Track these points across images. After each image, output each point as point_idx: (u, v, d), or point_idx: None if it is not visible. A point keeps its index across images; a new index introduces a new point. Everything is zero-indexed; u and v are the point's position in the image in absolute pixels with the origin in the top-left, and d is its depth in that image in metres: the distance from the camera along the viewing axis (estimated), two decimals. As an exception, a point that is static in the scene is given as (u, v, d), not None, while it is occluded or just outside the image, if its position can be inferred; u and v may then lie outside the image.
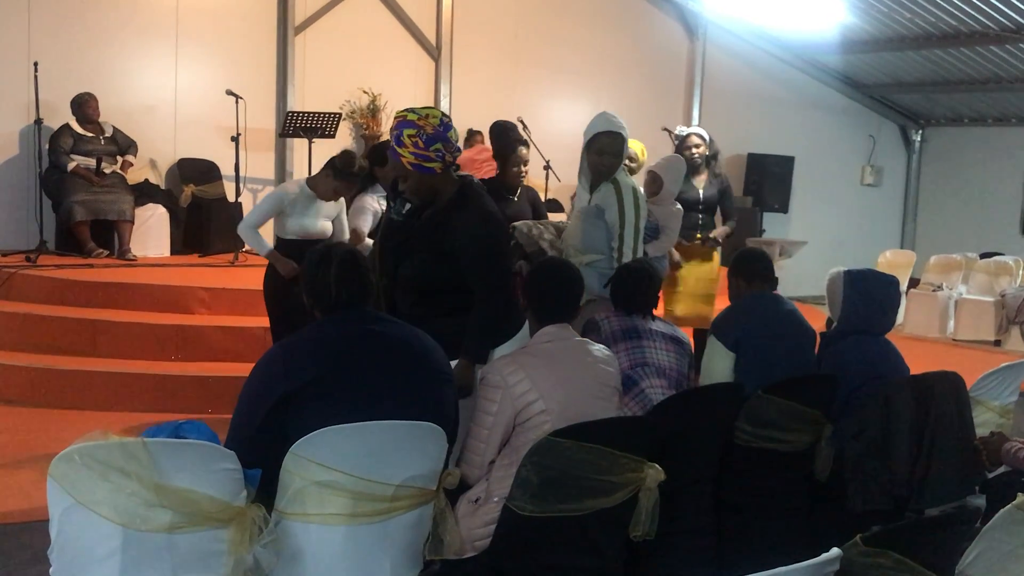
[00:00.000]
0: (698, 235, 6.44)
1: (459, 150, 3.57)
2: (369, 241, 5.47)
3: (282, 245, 5.25)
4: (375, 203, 5.69)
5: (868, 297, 3.97)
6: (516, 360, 3.06)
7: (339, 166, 5.32)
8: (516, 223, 4.87)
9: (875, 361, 3.91)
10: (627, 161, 6.31)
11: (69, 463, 2.31)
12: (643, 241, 4.63)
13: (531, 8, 11.09)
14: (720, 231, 6.53)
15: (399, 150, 3.44)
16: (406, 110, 3.49)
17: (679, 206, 5.98)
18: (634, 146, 6.35)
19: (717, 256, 6.52)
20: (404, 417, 2.66)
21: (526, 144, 5.86)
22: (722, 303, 6.73)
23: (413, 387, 2.79)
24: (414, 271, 3.54)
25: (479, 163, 6.95)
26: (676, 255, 6.33)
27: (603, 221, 4.49)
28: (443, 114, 3.52)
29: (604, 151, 4.49)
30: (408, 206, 3.77)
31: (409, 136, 3.40)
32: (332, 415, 2.58)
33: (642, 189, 4.93)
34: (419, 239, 3.54)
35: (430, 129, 3.41)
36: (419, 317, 3.30)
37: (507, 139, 5.99)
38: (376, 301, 3.99)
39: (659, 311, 4.10)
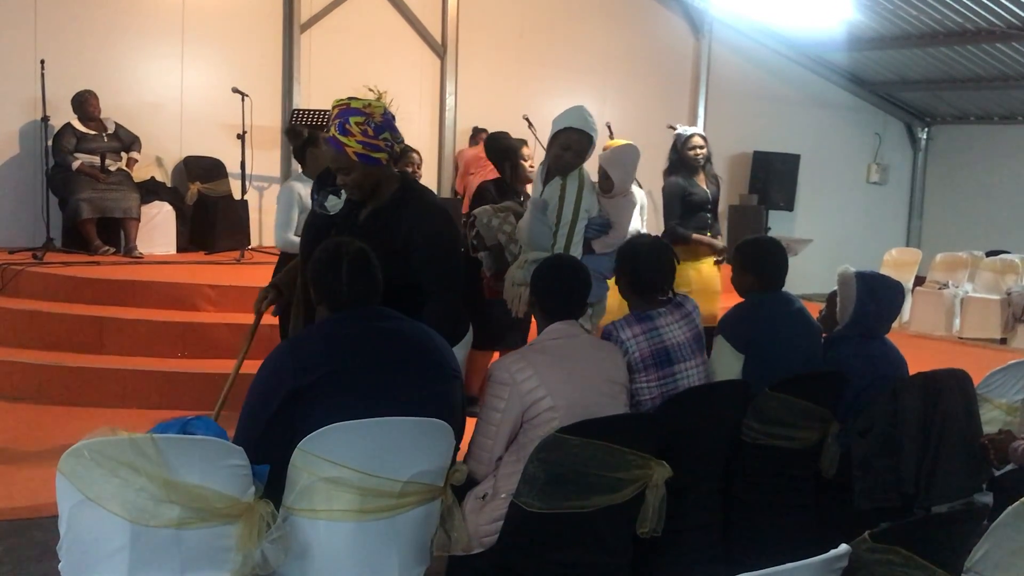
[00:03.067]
0: (708, 235, 6.43)
1: (403, 141, 3.40)
2: None
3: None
4: None
5: (879, 302, 3.94)
6: (524, 357, 3.06)
7: (294, 136, 5.38)
8: (476, 210, 4.72)
9: (877, 362, 3.90)
10: None
11: (78, 459, 2.33)
12: (591, 236, 4.46)
13: (536, 6, 11.09)
14: (720, 244, 6.42)
15: (343, 139, 3.21)
16: (347, 99, 3.28)
17: (632, 197, 5.62)
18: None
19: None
20: (413, 413, 2.66)
21: (525, 143, 5.87)
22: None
23: (422, 383, 2.79)
24: None
25: (484, 161, 6.95)
26: (719, 243, 6.32)
27: (546, 216, 4.33)
28: (386, 105, 3.33)
29: (569, 147, 4.31)
30: (335, 200, 3.59)
31: (357, 124, 3.19)
32: (341, 411, 2.58)
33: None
34: (364, 238, 3.25)
35: (378, 117, 3.22)
36: None
37: (505, 143, 5.96)
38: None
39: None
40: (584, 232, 4.42)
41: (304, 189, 5.36)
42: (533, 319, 3.42)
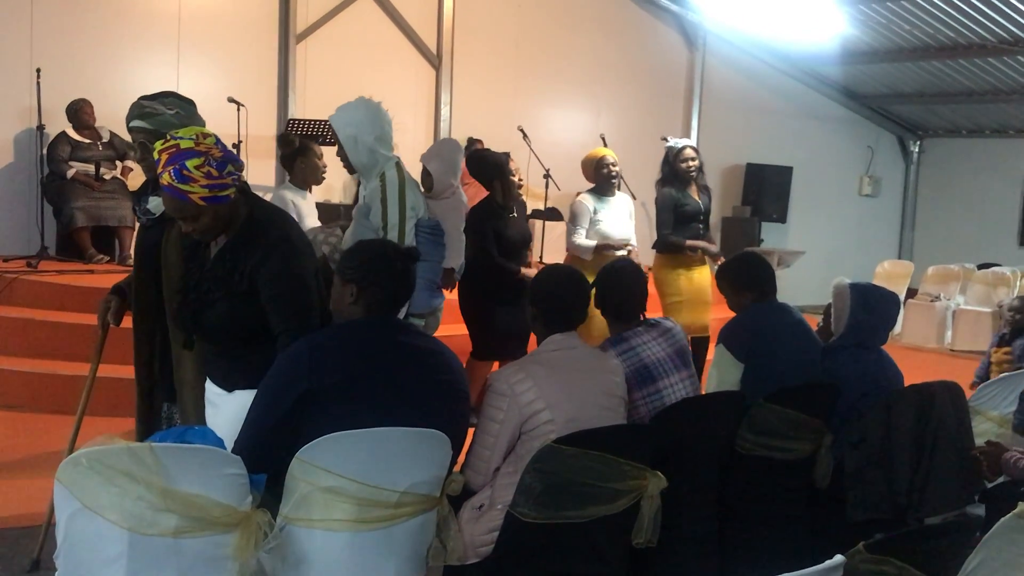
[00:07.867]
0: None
1: (243, 167, 2.96)
2: None
3: None
4: None
5: (873, 313, 3.97)
6: (523, 368, 3.07)
7: (285, 144, 5.57)
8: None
9: (872, 373, 3.92)
10: (611, 166, 6.32)
11: (76, 467, 2.33)
12: (422, 240, 4.23)
13: (532, 17, 11.13)
14: (715, 248, 6.56)
15: (185, 187, 2.79)
16: (168, 139, 2.85)
17: (463, 197, 5.51)
18: (606, 152, 6.41)
19: (708, 261, 6.54)
20: (418, 427, 2.67)
21: (509, 155, 5.81)
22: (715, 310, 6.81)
23: (430, 400, 2.79)
24: (221, 319, 3.00)
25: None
26: (714, 248, 6.36)
27: (370, 220, 4.13)
28: (209, 131, 2.96)
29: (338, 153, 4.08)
30: (156, 200, 3.28)
31: (196, 167, 2.79)
32: (349, 420, 2.59)
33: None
34: (215, 281, 3.01)
35: (217, 152, 2.85)
36: (235, 369, 2.99)
37: (492, 160, 5.91)
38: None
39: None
40: (415, 234, 4.22)
41: (295, 196, 5.48)
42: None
